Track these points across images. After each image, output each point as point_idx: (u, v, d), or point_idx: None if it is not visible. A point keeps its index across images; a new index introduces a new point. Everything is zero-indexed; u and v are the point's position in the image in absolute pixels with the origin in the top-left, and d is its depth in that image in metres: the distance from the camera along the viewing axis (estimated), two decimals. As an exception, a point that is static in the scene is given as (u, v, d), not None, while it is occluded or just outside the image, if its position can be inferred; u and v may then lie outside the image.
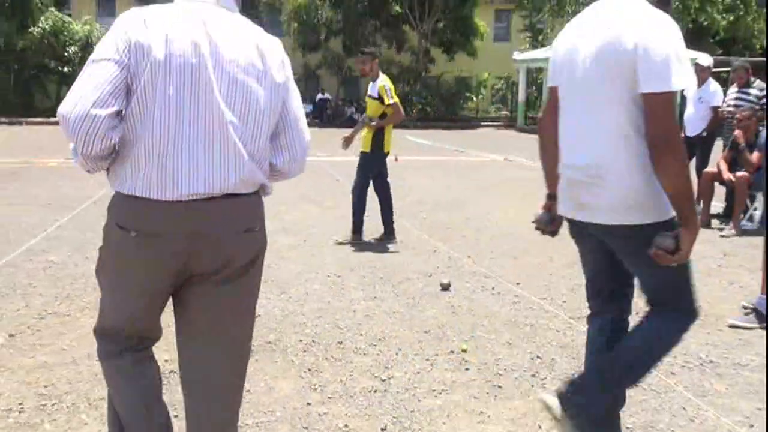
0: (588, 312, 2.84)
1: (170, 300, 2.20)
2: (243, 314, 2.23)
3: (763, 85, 8.17)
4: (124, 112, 1.95)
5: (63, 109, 1.88)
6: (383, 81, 6.62)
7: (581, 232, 2.65)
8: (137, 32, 1.93)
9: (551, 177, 2.78)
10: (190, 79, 1.96)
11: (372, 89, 6.69)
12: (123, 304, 2.17)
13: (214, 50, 1.99)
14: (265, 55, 2.08)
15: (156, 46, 1.92)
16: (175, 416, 2.77)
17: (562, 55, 2.57)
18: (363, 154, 6.72)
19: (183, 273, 2.09)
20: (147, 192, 1.98)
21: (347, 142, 6.83)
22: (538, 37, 32.78)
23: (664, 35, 2.24)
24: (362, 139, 6.72)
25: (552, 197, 2.79)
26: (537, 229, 2.88)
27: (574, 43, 2.50)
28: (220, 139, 2.01)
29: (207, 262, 2.08)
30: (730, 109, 8.13)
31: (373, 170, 6.73)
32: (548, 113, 2.75)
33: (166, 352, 3.48)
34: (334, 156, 6.83)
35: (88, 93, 1.87)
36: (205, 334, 2.17)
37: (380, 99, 6.56)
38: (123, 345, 2.22)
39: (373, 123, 6.58)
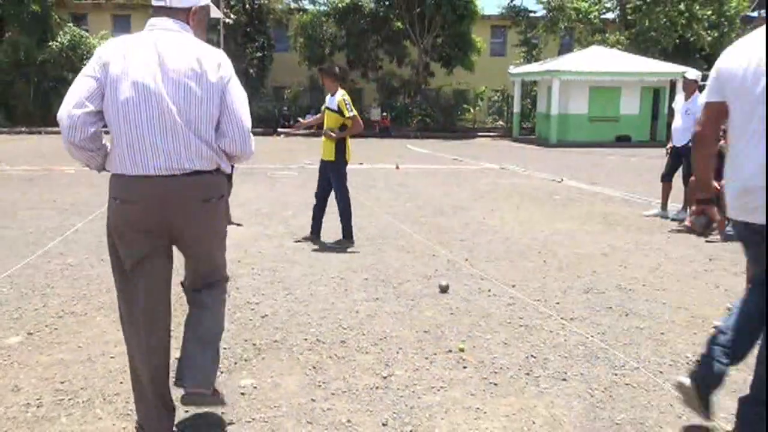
0: (579, 314, 2.86)
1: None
2: (217, 240, 2.90)
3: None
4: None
5: (58, 112, 2.53)
6: (342, 95, 6.66)
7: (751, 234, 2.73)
8: (105, 55, 2.59)
9: (707, 184, 2.90)
10: (142, 85, 2.54)
11: (330, 102, 6.69)
12: (122, 261, 2.67)
13: (161, 62, 2.58)
14: (202, 62, 2.62)
15: (114, 63, 2.55)
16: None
17: (738, 73, 2.62)
18: (329, 164, 6.75)
19: (159, 234, 2.65)
20: (123, 170, 2.58)
21: (288, 135, 7.21)
22: (533, 52, 32.85)
23: None
24: (324, 149, 6.75)
25: (707, 202, 2.90)
26: (696, 233, 2.99)
27: (756, 64, 2.56)
28: (171, 128, 2.57)
29: (176, 223, 2.65)
30: None
31: (345, 175, 6.82)
32: (710, 127, 2.83)
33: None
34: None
35: (70, 99, 2.53)
36: (194, 256, 2.85)
37: (340, 112, 6.60)
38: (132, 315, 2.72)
39: (334, 134, 6.62)
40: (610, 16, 33.61)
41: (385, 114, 29.46)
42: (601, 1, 32.88)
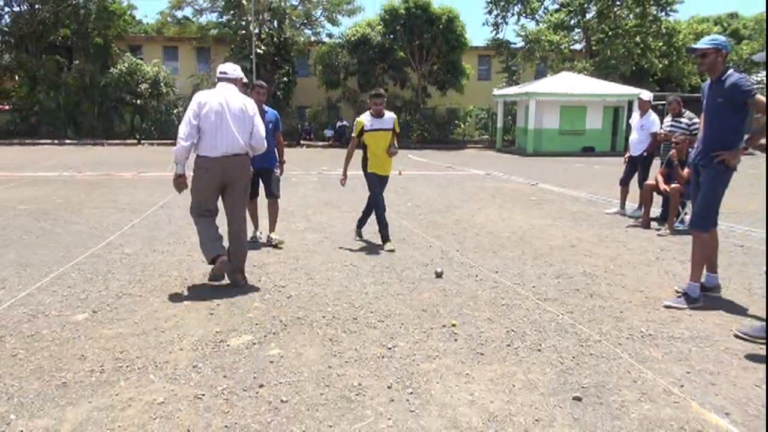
0: (552, 296, 2.80)
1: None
2: (244, 192, 4.78)
3: (692, 115, 8.09)
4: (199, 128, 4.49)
5: (179, 133, 4.45)
6: (392, 115, 6.32)
7: None
8: (198, 100, 4.50)
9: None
10: (218, 116, 4.47)
11: (383, 123, 6.22)
12: (200, 195, 4.63)
13: (227, 105, 4.51)
14: (246, 105, 4.60)
15: (202, 105, 4.46)
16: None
17: None
18: (387, 176, 6.58)
19: (221, 184, 4.61)
20: (206, 153, 4.49)
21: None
22: (513, 77, 32.71)
23: None
24: (386, 165, 6.46)
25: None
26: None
27: None
28: (231, 134, 4.50)
29: (228, 179, 4.59)
30: (667, 130, 8.06)
31: None
32: None
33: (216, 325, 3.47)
34: (349, 171, 6.83)
35: (183, 126, 4.42)
36: (231, 200, 4.74)
37: (393, 129, 6.27)
38: (201, 213, 4.67)
39: (397, 150, 6.34)
40: (577, 47, 33.43)
41: (389, 129, 29.33)
42: (570, 34, 32.72)
